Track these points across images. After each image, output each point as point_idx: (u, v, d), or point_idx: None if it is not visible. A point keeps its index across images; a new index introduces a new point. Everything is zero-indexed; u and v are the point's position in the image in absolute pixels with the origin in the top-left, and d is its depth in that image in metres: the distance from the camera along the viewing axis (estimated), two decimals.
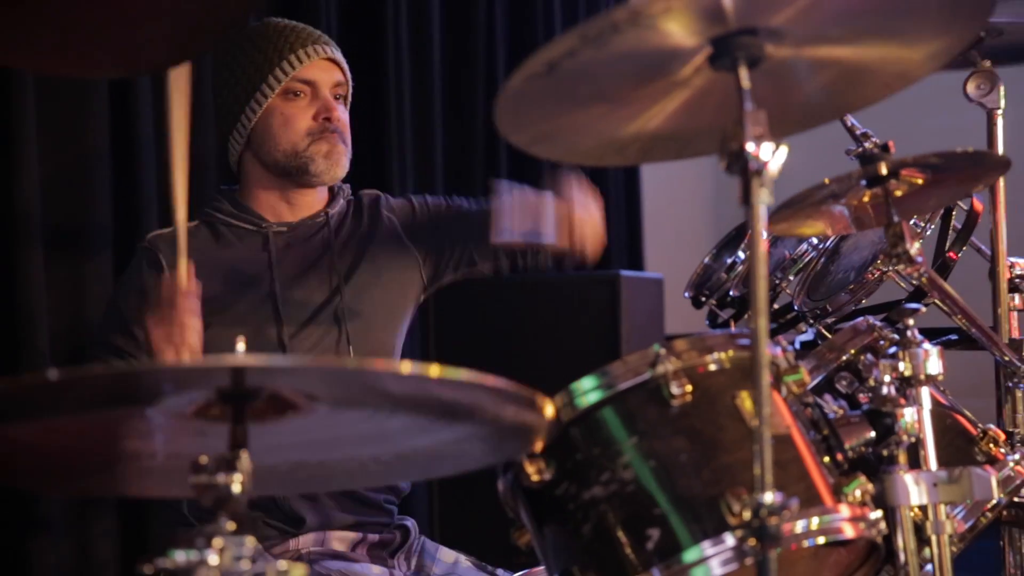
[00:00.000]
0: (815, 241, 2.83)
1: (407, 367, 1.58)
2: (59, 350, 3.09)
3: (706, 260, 3.25)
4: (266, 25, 2.66)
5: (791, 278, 2.83)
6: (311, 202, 2.74)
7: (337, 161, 2.64)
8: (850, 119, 2.57)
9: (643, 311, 4.06)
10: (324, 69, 2.65)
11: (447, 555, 2.71)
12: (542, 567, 2.52)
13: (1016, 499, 2.40)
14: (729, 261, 3.12)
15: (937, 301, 2.29)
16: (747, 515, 1.62)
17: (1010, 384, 2.53)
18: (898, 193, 2.13)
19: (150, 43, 1.82)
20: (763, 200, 1.64)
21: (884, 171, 2.08)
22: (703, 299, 3.15)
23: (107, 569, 3.21)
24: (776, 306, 3.02)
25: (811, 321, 2.70)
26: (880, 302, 2.67)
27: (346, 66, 2.73)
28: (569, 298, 4.07)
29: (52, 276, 3.10)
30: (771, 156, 1.63)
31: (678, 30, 1.65)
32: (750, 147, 1.63)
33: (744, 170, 1.64)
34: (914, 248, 2.07)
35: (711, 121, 1.79)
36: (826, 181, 2.13)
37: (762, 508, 1.60)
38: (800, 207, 2.21)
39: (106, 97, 3.23)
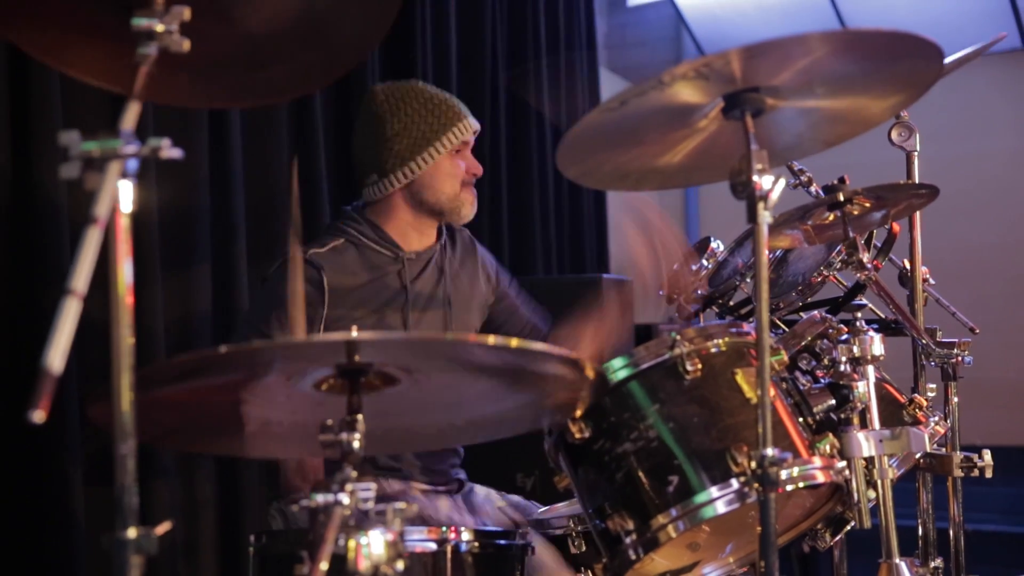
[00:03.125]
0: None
1: (492, 339, 1.58)
2: (171, 339, 3.08)
3: (675, 266, 3.26)
4: (433, 93, 2.68)
5: (748, 280, 2.83)
6: (431, 232, 2.75)
7: (474, 206, 2.72)
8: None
9: (617, 305, 4.06)
10: (472, 134, 2.69)
11: (480, 490, 2.76)
12: (561, 503, 2.56)
13: (929, 451, 2.43)
14: (695, 267, 3.15)
15: (877, 296, 2.30)
16: (753, 465, 1.62)
17: (924, 362, 2.56)
18: (855, 213, 2.15)
19: (275, 80, 1.80)
20: (765, 220, 1.65)
21: (841, 198, 2.11)
22: (674, 296, 3.16)
23: (207, 506, 3.19)
24: (732, 303, 3.02)
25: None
26: (821, 299, 2.68)
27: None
28: (560, 296, 4.06)
29: (166, 278, 3.07)
30: (771, 186, 1.64)
31: (697, 90, 1.68)
32: (755, 178, 1.64)
33: (750, 196, 1.65)
34: (865, 256, 2.09)
35: (719, 156, 1.82)
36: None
37: (765, 460, 1.61)
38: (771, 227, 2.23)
39: (205, 128, 3.18)
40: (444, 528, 1.95)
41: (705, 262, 3.10)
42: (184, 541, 3.10)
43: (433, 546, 1.93)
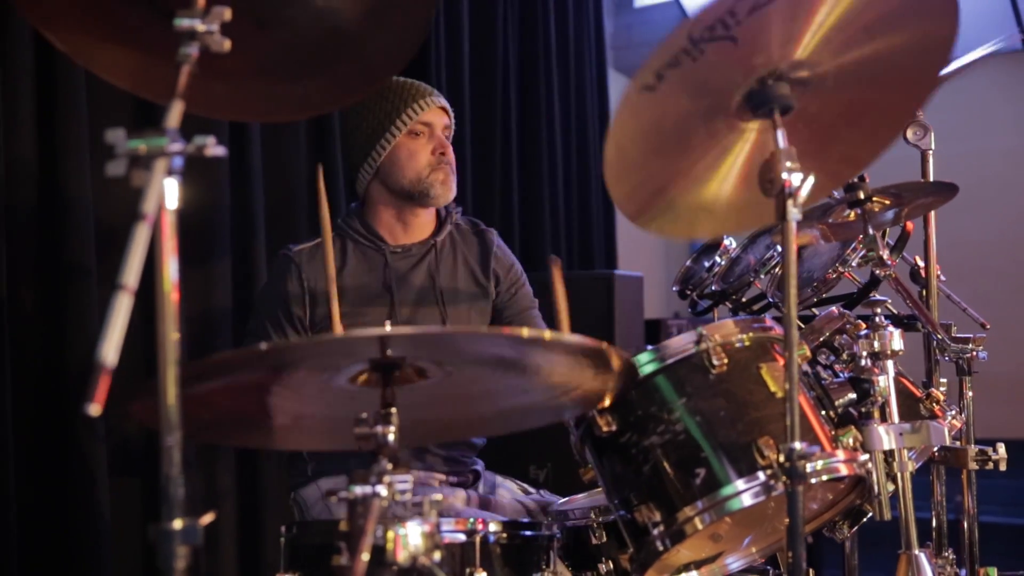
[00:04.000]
0: (779, 248, 2.83)
1: (526, 332, 1.58)
2: (193, 334, 3.09)
3: (688, 262, 3.26)
4: (391, 81, 2.63)
5: (762, 276, 2.83)
6: (422, 224, 2.71)
7: (450, 187, 2.64)
8: None
9: (628, 301, 4.07)
10: (437, 115, 2.64)
11: (499, 481, 2.77)
12: (580, 495, 2.56)
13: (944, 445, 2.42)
14: (708, 264, 3.14)
15: (895, 292, 2.29)
16: (781, 458, 1.61)
17: (938, 356, 2.55)
18: (875, 211, 2.14)
19: (309, 93, 1.79)
20: (793, 216, 1.64)
21: (862, 196, 2.10)
22: (688, 292, 3.16)
23: (227, 497, 3.19)
24: (744, 299, 3.02)
25: (783, 308, 2.70)
26: (836, 295, 2.68)
27: (451, 112, 2.72)
28: (573, 291, 4.06)
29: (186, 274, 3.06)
30: (800, 183, 1.63)
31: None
32: (784, 176, 1.63)
33: (780, 193, 1.64)
34: (885, 253, 2.08)
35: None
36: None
37: (794, 453, 1.60)
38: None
39: (227, 136, 3.18)
40: (472, 519, 1.94)
41: (718, 259, 3.10)
42: (204, 533, 3.09)
43: (462, 537, 1.92)
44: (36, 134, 2.72)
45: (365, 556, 1.39)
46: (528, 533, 2.01)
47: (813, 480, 1.86)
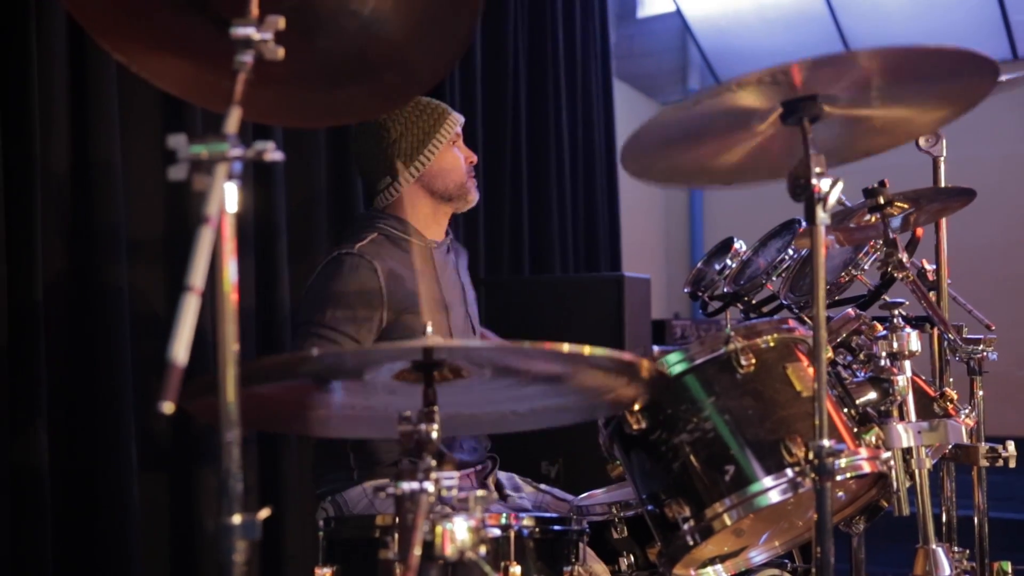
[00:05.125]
0: (791, 252, 2.83)
1: (566, 347, 1.58)
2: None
3: (699, 265, 3.26)
4: (419, 98, 2.69)
5: (774, 279, 2.83)
6: (445, 223, 2.79)
7: (478, 192, 2.78)
8: None
9: (637, 302, 4.08)
10: (460, 128, 2.71)
11: (502, 474, 2.77)
12: (598, 491, 2.56)
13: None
14: (719, 267, 3.14)
15: (911, 294, 2.30)
16: (811, 456, 1.61)
17: (949, 356, 2.56)
18: (894, 214, 2.15)
19: (353, 100, 1.79)
20: (823, 220, 1.64)
21: (882, 200, 2.10)
22: (699, 294, 3.16)
23: (250, 491, 3.18)
24: (755, 300, 3.02)
25: (795, 310, 2.71)
26: (846, 297, 2.68)
27: None
28: (584, 293, 4.09)
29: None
30: (829, 188, 1.64)
31: (760, 96, 1.67)
32: (814, 181, 1.63)
33: (809, 198, 1.65)
34: (905, 256, 2.09)
35: (770, 159, 1.81)
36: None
37: (823, 451, 1.61)
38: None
39: (249, 138, 3.16)
40: (505, 514, 1.94)
41: (729, 261, 3.11)
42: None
43: (497, 531, 1.92)
44: (69, 123, 2.75)
45: (417, 550, 1.39)
46: (559, 528, 2.01)
47: (839, 477, 1.86)
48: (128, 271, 2.83)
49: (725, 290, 3.05)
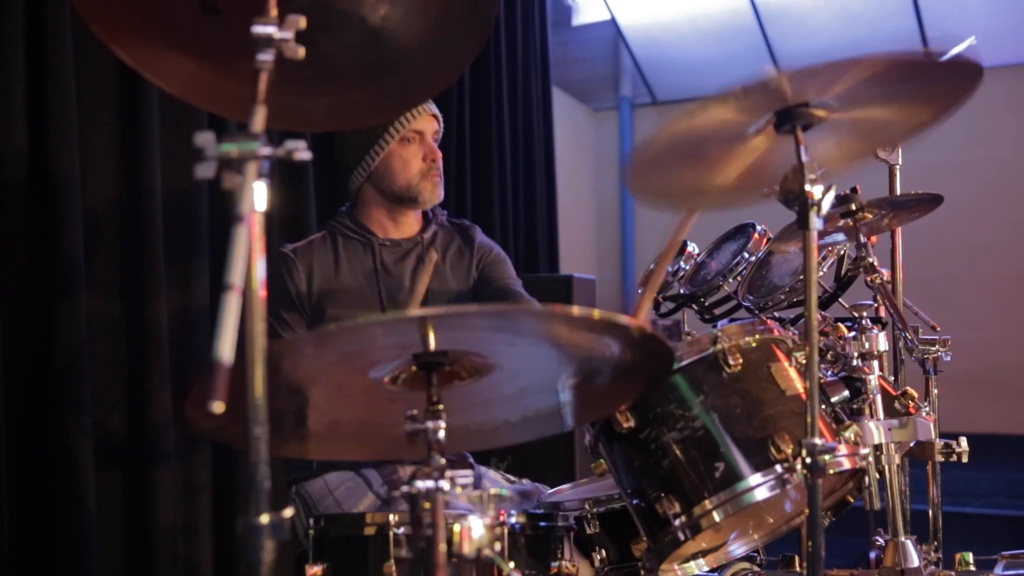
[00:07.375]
0: (747, 255, 2.86)
1: (577, 310, 1.54)
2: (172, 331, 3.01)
3: (652, 266, 3.28)
4: None
5: (731, 281, 2.86)
6: (411, 223, 2.77)
7: (438, 191, 2.72)
8: None
9: (584, 302, 4.11)
10: (428, 122, 2.67)
11: (489, 474, 2.75)
12: (564, 486, 2.57)
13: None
14: (672, 268, 3.17)
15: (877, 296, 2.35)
16: (803, 452, 1.64)
17: (904, 356, 2.62)
18: (867, 219, 2.19)
19: (350, 106, 1.77)
20: (815, 226, 1.67)
21: (854, 207, 2.15)
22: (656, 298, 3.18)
23: (205, 488, 3.14)
24: (709, 302, 3.05)
25: (755, 311, 2.74)
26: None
27: (441, 117, 2.73)
28: (533, 293, 4.08)
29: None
30: (822, 195, 1.66)
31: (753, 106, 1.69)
32: (807, 188, 1.66)
33: (802, 204, 1.67)
34: (875, 260, 2.13)
35: (765, 175, 1.83)
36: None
37: (815, 448, 1.63)
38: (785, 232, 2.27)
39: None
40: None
41: (683, 263, 3.14)
42: (182, 523, 3.04)
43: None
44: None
45: (442, 546, 1.38)
46: (547, 524, 2.01)
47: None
48: (84, 266, 2.75)
49: (681, 291, 3.08)
